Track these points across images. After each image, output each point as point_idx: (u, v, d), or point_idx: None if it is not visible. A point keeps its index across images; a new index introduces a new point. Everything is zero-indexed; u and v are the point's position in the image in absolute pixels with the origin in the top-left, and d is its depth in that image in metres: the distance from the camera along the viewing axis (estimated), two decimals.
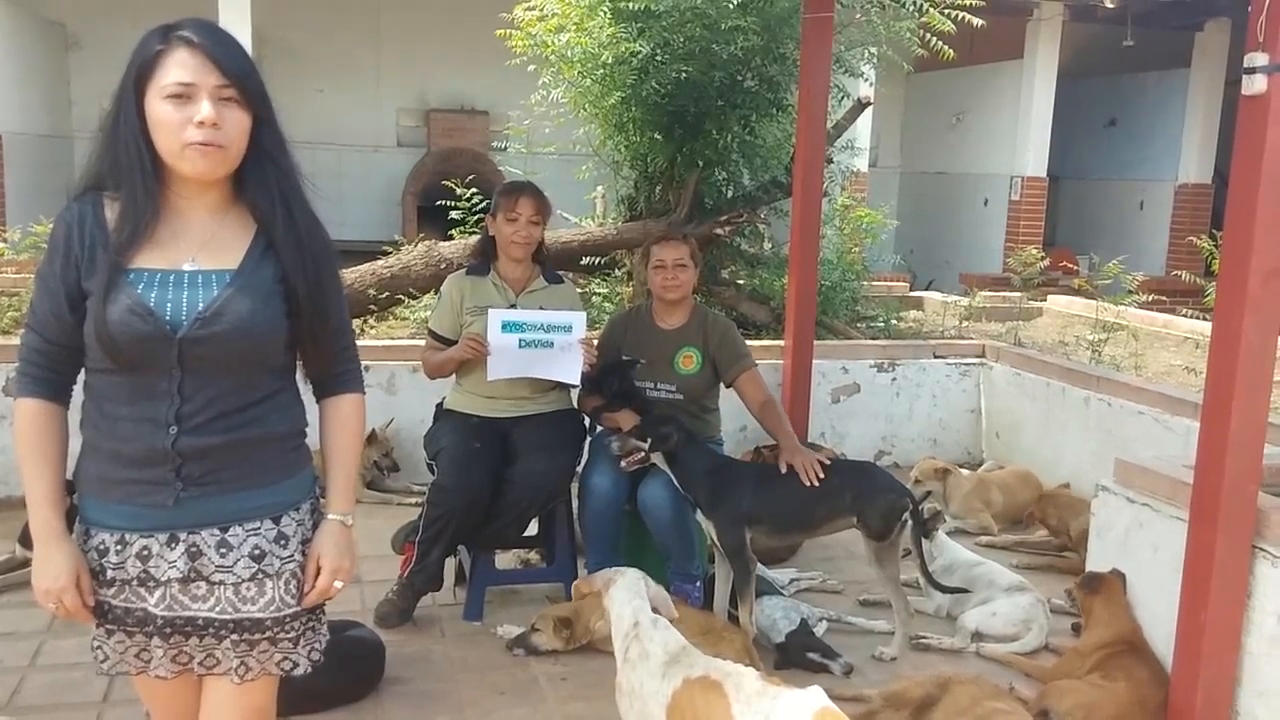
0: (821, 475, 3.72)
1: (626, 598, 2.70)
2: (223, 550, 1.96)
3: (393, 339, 6.70)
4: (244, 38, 9.88)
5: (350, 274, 6.86)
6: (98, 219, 1.92)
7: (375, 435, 5.36)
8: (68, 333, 1.94)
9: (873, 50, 7.30)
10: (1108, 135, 14.25)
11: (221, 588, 1.97)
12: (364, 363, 5.92)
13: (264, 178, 1.97)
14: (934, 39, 7.06)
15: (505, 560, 4.39)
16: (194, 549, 1.95)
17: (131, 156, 1.89)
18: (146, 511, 1.94)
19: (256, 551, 1.98)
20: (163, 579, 1.95)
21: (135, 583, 1.96)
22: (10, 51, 10.88)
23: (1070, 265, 10.56)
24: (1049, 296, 10.31)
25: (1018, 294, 9.56)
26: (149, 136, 1.89)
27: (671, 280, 4.09)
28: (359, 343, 6.38)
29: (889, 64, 7.86)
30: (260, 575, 1.98)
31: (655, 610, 2.76)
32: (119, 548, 1.95)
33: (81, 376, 2.00)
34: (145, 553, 1.95)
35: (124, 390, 1.93)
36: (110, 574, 1.96)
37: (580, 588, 2.90)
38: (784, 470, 3.77)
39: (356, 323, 7.17)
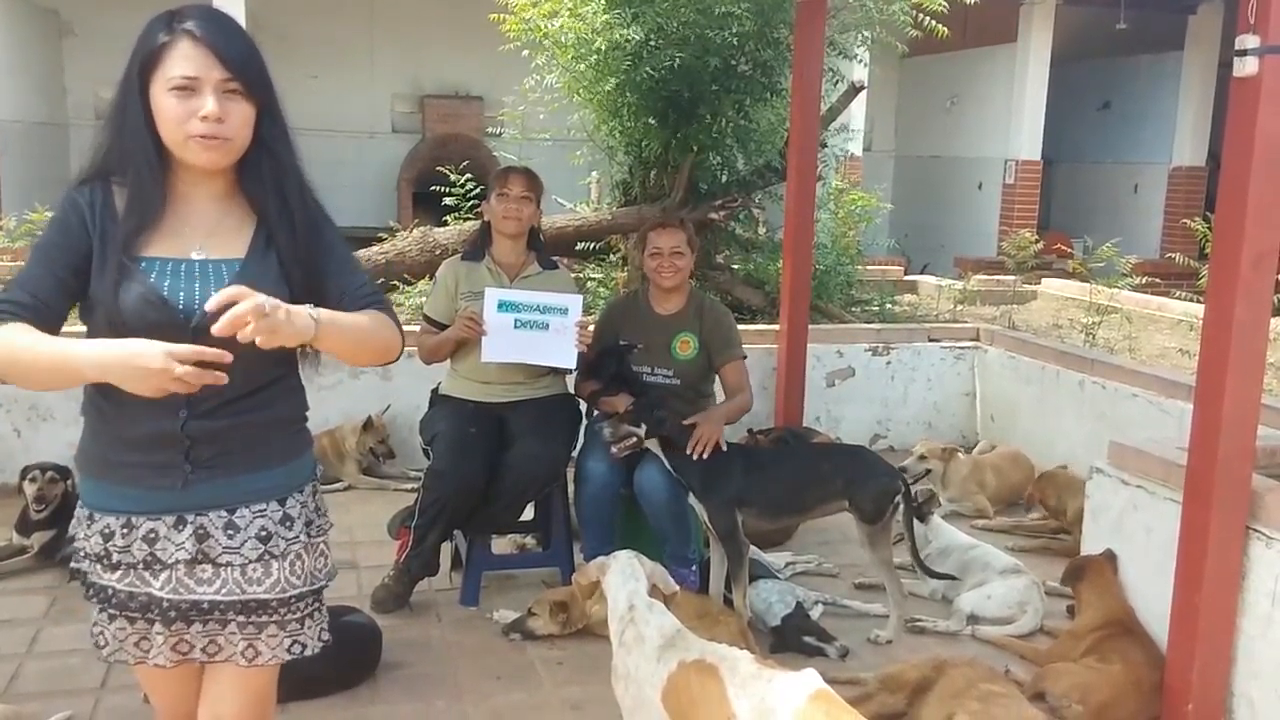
0: (708, 452, 3.71)
1: (621, 581, 2.70)
2: (230, 532, 1.98)
3: None
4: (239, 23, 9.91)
5: None
6: (107, 206, 1.93)
7: (371, 422, 5.36)
8: (58, 294, 1.88)
9: (866, 33, 7.28)
10: (1102, 118, 14.23)
11: (228, 569, 1.99)
12: None
13: (259, 169, 1.98)
14: (927, 19, 7.04)
15: (501, 545, 4.39)
16: (201, 531, 1.97)
17: (137, 146, 1.90)
18: (154, 494, 1.95)
19: (263, 533, 2.00)
20: (170, 561, 1.96)
21: (141, 566, 1.97)
22: (4, 39, 10.82)
23: (1065, 248, 10.56)
24: (1043, 280, 10.31)
25: (1012, 277, 9.56)
26: (154, 126, 1.90)
27: (668, 266, 4.09)
28: None
29: (883, 48, 7.85)
30: (267, 556, 2.00)
31: (654, 587, 2.77)
32: (125, 531, 1.96)
33: None
34: (152, 535, 1.96)
35: None
36: (116, 558, 1.97)
37: (580, 580, 2.91)
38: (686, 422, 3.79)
39: None
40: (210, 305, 1.75)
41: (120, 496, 1.96)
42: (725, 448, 3.77)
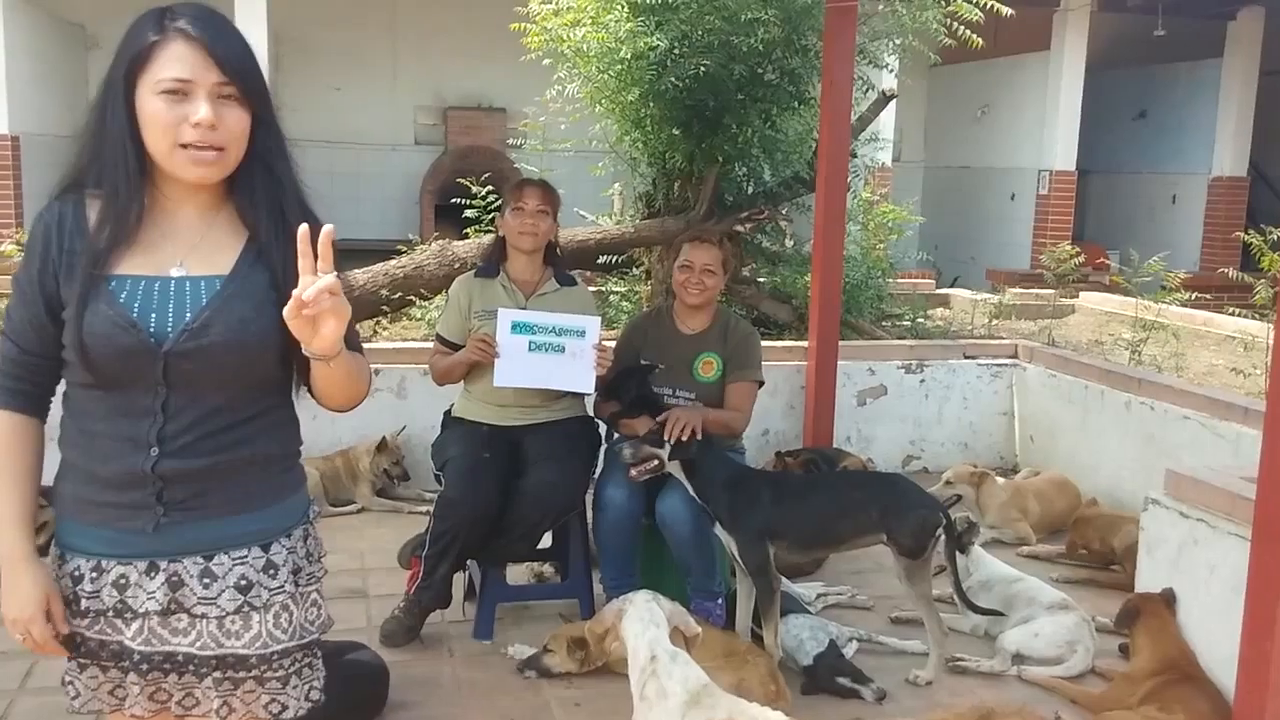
0: (686, 436, 3.52)
1: (640, 628, 2.49)
2: (206, 580, 1.79)
3: (404, 340, 6.53)
4: (260, 36, 9.86)
5: (362, 274, 6.71)
6: (78, 220, 1.76)
7: (385, 443, 5.19)
8: (46, 342, 1.78)
9: (897, 41, 7.06)
10: (1138, 128, 13.92)
11: (204, 621, 1.80)
12: (374, 366, 5.76)
13: (253, 183, 1.80)
14: (961, 28, 6.82)
15: (518, 573, 4.19)
16: (175, 578, 1.79)
17: (117, 152, 1.73)
18: (124, 537, 1.78)
19: (243, 582, 1.81)
20: (141, 610, 1.78)
21: (111, 613, 1.79)
22: (29, 52, 10.79)
23: (1105, 261, 10.26)
24: (1081, 294, 10.01)
25: (1049, 291, 9.27)
26: (138, 131, 1.72)
27: (695, 283, 3.89)
28: (369, 345, 6.17)
29: (912, 56, 7.63)
30: (246, 608, 1.81)
31: (675, 630, 2.56)
32: (94, 575, 1.79)
33: (61, 388, 1.85)
34: (122, 581, 1.78)
35: (103, 406, 1.77)
36: (85, 603, 1.79)
37: (594, 629, 2.70)
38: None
39: (369, 324, 7.01)
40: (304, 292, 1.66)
41: (92, 538, 1.79)
42: (699, 436, 3.56)
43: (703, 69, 6.16)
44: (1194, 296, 7.78)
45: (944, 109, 14.70)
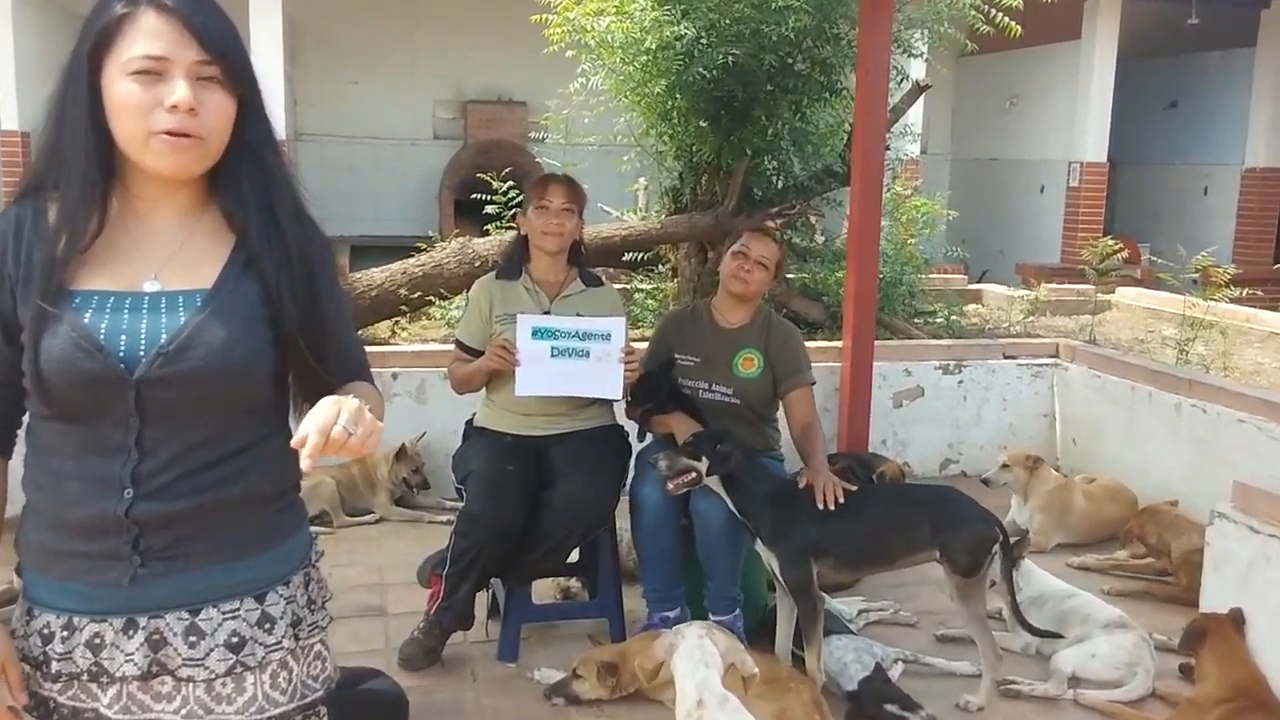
0: (840, 498, 3.33)
1: (690, 667, 2.29)
2: (192, 639, 1.57)
3: (424, 341, 6.36)
4: (276, 29, 9.67)
5: (380, 273, 6.56)
6: (38, 228, 1.54)
7: (404, 450, 5.01)
8: (5, 369, 1.56)
9: (935, 28, 6.84)
10: (1169, 118, 13.63)
11: (190, 685, 1.58)
12: (392, 369, 5.56)
13: (239, 177, 1.58)
14: (999, 14, 6.60)
15: (544, 588, 4.00)
16: (156, 637, 1.56)
17: (78, 146, 1.50)
18: (97, 591, 1.55)
19: (235, 639, 1.59)
20: (118, 674, 1.55)
21: (85, 677, 1.56)
22: (39, 48, 10.67)
23: (1140, 255, 10.00)
24: (1118, 289, 9.73)
25: (1085, 286, 9.00)
26: (102, 120, 1.50)
27: (745, 273, 3.71)
28: (387, 349, 5.96)
29: (941, 45, 7.41)
30: (239, 668, 1.59)
31: (731, 668, 2.37)
32: (66, 634, 1.56)
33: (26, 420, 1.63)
34: (97, 641, 1.55)
35: (69, 442, 1.54)
36: (55, 665, 1.56)
37: (644, 664, 2.51)
38: (802, 485, 3.41)
39: (386, 324, 6.85)
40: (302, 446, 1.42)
41: (61, 592, 1.57)
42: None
43: (731, 59, 5.98)
44: (1245, 293, 7.49)
45: (972, 99, 14.44)
